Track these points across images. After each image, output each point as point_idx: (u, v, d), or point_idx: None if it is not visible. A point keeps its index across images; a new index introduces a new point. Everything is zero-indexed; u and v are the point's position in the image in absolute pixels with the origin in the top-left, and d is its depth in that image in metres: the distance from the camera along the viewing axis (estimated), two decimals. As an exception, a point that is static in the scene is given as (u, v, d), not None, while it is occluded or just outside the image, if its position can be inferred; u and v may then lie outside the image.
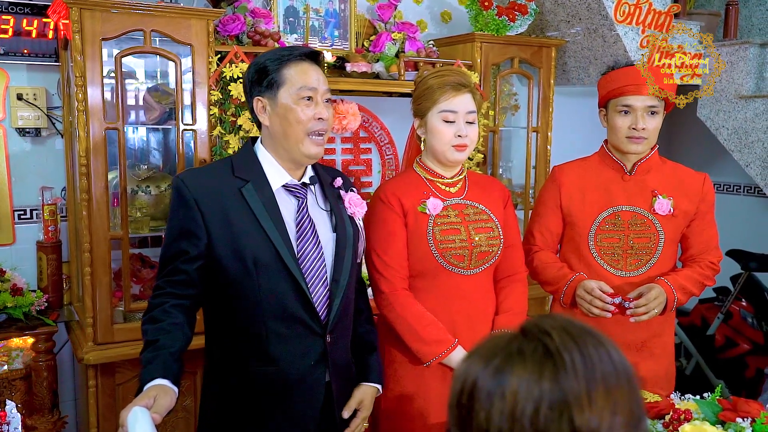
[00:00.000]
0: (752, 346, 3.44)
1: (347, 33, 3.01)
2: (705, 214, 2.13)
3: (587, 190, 2.14)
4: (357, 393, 1.78)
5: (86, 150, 2.30)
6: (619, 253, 2.08)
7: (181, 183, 1.60)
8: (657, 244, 2.07)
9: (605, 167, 2.16)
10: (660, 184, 2.11)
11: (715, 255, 2.14)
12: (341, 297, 1.66)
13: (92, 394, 2.39)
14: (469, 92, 1.89)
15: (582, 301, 2.02)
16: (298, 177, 1.69)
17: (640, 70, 2.07)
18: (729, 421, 1.56)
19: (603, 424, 0.69)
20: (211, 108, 2.45)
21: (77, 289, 2.69)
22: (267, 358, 1.60)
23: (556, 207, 2.17)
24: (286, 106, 1.61)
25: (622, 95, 2.07)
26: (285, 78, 1.61)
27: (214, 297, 1.63)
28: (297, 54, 1.63)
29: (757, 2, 3.86)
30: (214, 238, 1.57)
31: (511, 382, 0.72)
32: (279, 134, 1.64)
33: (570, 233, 2.16)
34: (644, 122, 2.05)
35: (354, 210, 1.77)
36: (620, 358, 0.75)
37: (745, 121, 3.17)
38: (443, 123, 1.88)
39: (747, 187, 3.81)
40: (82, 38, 2.25)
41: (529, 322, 0.78)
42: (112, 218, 2.41)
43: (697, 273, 2.09)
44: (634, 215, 2.08)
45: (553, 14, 3.31)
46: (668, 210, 2.07)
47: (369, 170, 3.26)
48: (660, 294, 1.98)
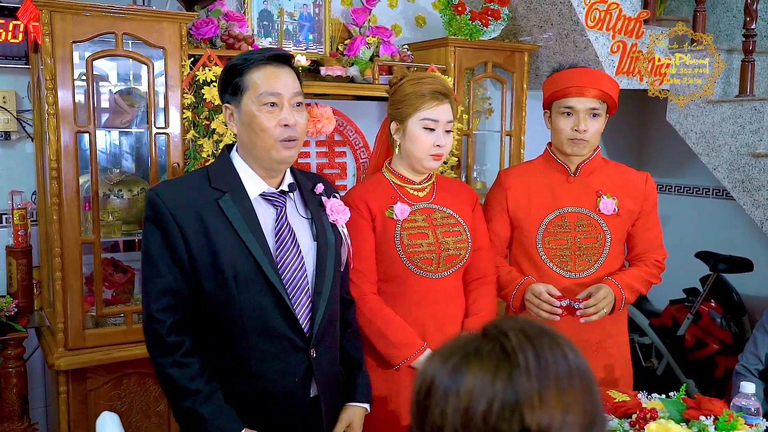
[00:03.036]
0: (721, 346, 3.51)
1: (322, 37, 3.02)
2: (649, 213, 2.16)
3: (533, 193, 2.15)
4: (344, 415, 1.71)
5: (57, 154, 2.28)
6: (568, 254, 2.10)
7: (155, 197, 1.52)
8: (604, 243, 2.10)
9: (550, 169, 2.18)
10: (604, 184, 2.13)
11: (660, 253, 2.18)
12: (325, 308, 1.60)
13: (63, 400, 2.36)
14: (449, 102, 1.91)
15: (530, 305, 2.03)
16: (275, 184, 1.63)
17: (583, 72, 2.08)
18: (693, 419, 1.60)
19: (554, 423, 0.71)
20: (185, 111, 2.44)
21: (48, 295, 2.66)
22: (250, 377, 1.55)
23: (503, 211, 2.17)
24: (250, 113, 1.54)
25: (565, 97, 2.07)
26: (249, 83, 1.54)
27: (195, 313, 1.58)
28: (264, 57, 1.55)
29: (724, 9, 3.94)
30: (194, 253, 1.51)
31: (467, 381, 0.74)
32: (247, 143, 1.58)
33: (518, 236, 2.17)
34: (585, 124, 2.05)
35: (336, 217, 1.71)
36: (576, 359, 0.76)
37: (712, 125, 3.24)
38: (424, 131, 1.88)
39: (715, 190, 3.88)
40: (53, 41, 2.23)
41: (490, 323, 0.80)
42: (84, 222, 2.39)
43: (644, 272, 2.12)
44: (579, 216, 2.10)
45: (525, 19, 3.35)
46: (613, 209, 2.09)
47: (344, 174, 3.26)
48: (608, 294, 2.00)
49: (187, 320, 1.54)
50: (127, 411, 2.47)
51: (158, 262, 1.52)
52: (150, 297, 1.53)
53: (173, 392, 1.53)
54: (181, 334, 1.53)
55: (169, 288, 1.52)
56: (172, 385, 1.52)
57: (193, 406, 1.50)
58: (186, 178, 1.65)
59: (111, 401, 2.44)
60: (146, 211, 1.55)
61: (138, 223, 2.60)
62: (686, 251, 3.59)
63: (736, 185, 3.13)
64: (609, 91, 2.07)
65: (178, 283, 1.52)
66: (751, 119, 3.08)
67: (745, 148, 3.10)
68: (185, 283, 1.53)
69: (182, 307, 1.53)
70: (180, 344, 1.52)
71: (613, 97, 2.08)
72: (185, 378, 1.50)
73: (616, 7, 3.16)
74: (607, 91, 2.06)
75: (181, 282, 1.52)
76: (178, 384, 1.51)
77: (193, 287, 1.54)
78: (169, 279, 1.52)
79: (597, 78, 2.07)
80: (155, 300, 1.52)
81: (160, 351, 1.52)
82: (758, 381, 2.13)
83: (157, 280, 1.52)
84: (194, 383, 1.50)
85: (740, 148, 3.12)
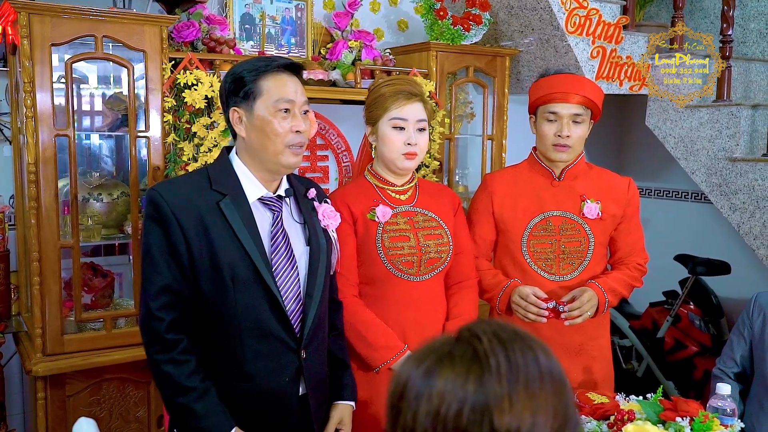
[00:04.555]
0: (700, 347, 3.55)
1: (304, 41, 3.02)
2: (631, 217, 2.19)
3: (518, 197, 2.17)
4: (335, 413, 1.76)
5: (35, 157, 2.26)
6: (552, 258, 2.12)
7: (158, 196, 1.54)
8: (587, 247, 2.12)
9: (535, 174, 2.20)
10: (588, 189, 2.16)
11: (642, 257, 2.21)
12: (315, 311, 1.64)
13: (41, 406, 2.34)
14: (419, 101, 1.93)
15: (517, 307, 2.05)
16: (273, 189, 1.67)
17: (568, 78, 2.10)
18: (669, 420, 1.62)
19: (523, 425, 0.72)
20: (165, 115, 2.43)
21: (26, 299, 2.63)
22: (242, 375, 1.58)
23: (488, 215, 2.19)
24: (263, 118, 1.58)
25: (549, 102, 2.09)
26: (262, 89, 1.58)
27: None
28: (275, 65, 1.60)
29: (701, 15, 4.00)
30: (195, 253, 1.53)
31: (438, 383, 0.74)
32: (256, 146, 1.61)
33: (504, 240, 2.19)
34: (569, 130, 2.07)
35: (327, 222, 1.76)
36: (549, 362, 0.77)
37: (690, 130, 3.28)
38: (393, 130, 1.91)
39: (694, 194, 3.93)
40: (31, 43, 2.21)
41: (464, 327, 0.81)
42: (63, 226, 2.36)
43: (626, 275, 2.15)
44: (564, 220, 2.12)
45: (506, 24, 3.38)
46: (596, 214, 2.12)
47: (326, 177, 3.26)
48: (592, 297, 2.03)
49: (185, 318, 1.57)
50: (107, 417, 2.45)
51: (159, 260, 1.54)
52: (149, 295, 1.55)
53: (168, 388, 1.55)
54: (180, 332, 1.55)
55: (169, 286, 1.54)
56: (168, 382, 1.55)
57: (186, 403, 1.52)
58: (187, 179, 1.68)
59: (90, 407, 2.42)
60: (148, 209, 1.57)
61: (118, 227, 2.58)
62: (665, 254, 3.63)
63: (714, 189, 3.18)
64: (593, 97, 2.09)
65: (178, 281, 1.54)
66: (728, 124, 3.13)
67: (722, 153, 3.15)
68: (185, 282, 1.55)
69: (181, 305, 1.56)
70: (178, 342, 1.54)
71: (597, 104, 2.10)
72: (182, 375, 1.53)
73: (595, 12, 3.20)
74: (591, 98, 2.08)
75: (181, 281, 1.55)
76: (175, 381, 1.53)
77: (191, 286, 1.56)
78: (169, 277, 1.54)
79: (581, 84, 2.09)
80: (154, 298, 1.54)
81: (159, 348, 1.55)
82: (734, 383, 2.16)
83: (157, 278, 1.54)
84: (190, 380, 1.53)
85: (717, 152, 3.17)
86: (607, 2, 3.27)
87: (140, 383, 2.50)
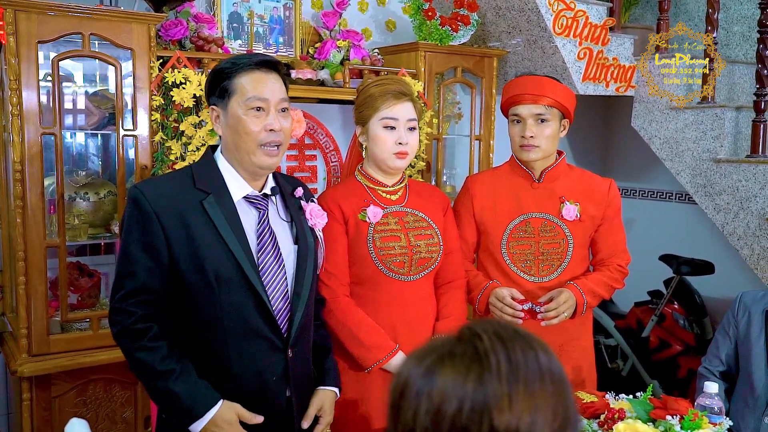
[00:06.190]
0: (684, 347, 3.59)
1: (292, 40, 3.01)
2: (612, 219, 2.20)
3: (498, 199, 2.18)
4: (315, 399, 1.74)
5: (21, 155, 2.23)
6: (531, 259, 2.13)
7: (139, 194, 1.53)
8: (566, 249, 2.13)
9: (515, 176, 2.21)
10: (567, 190, 2.16)
11: (623, 258, 2.22)
12: (302, 310, 1.63)
13: (26, 407, 2.31)
14: (409, 100, 1.93)
15: (494, 308, 2.06)
16: (258, 187, 1.66)
17: (528, 80, 2.11)
18: (659, 418, 1.63)
19: (522, 424, 0.72)
20: (153, 113, 2.41)
21: (11, 299, 2.59)
22: (230, 376, 1.57)
23: (469, 216, 2.20)
24: (236, 117, 1.57)
25: (514, 104, 2.12)
26: (236, 87, 1.57)
27: (174, 313, 1.59)
28: (252, 62, 1.58)
29: (686, 18, 4.04)
30: (176, 253, 1.52)
31: (439, 382, 0.75)
32: (231, 145, 1.60)
33: (484, 242, 2.20)
34: (531, 130, 2.08)
35: (315, 221, 1.76)
36: (549, 362, 0.78)
37: (675, 131, 3.31)
38: (384, 130, 1.91)
39: (678, 195, 3.97)
40: (17, 41, 2.18)
41: (465, 326, 0.81)
42: (49, 226, 2.34)
43: (606, 276, 2.16)
44: (543, 222, 2.13)
45: (494, 25, 3.39)
46: (575, 216, 2.13)
47: (314, 177, 3.25)
48: (569, 298, 2.03)
49: (155, 313, 1.55)
50: (93, 418, 2.43)
51: (135, 259, 1.53)
52: (120, 291, 1.54)
53: (146, 375, 1.54)
54: (148, 322, 1.54)
55: (143, 285, 1.53)
56: (143, 369, 1.54)
57: (166, 386, 1.51)
58: (170, 177, 1.67)
59: (76, 408, 2.39)
60: (128, 207, 1.55)
61: (104, 226, 2.56)
62: (650, 254, 3.67)
63: (698, 190, 3.21)
64: (556, 97, 2.09)
65: (153, 280, 1.53)
66: (712, 126, 3.16)
67: (706, 154, 3.18)
68: (160, 281, 1.54)
69: (152, 303, 1.55)
70: (147, 329, 1.53)
71: (563, 104, 2.10)
72: (155, 360, 1.52)
73: (582, 14, 3.22)
74: (555, 98, 2.08)
75: (156, 280, 1.53)
76: (150, 366, 1.52)
77: (167, 285, 1.55)
78: (144, 277, 1.53)
79: (541, 85, 2.09)
80: (125, 297, 1.53)
81: (128, 338, 1.54)
82: (720, 382, 2.18)
83: (128, 280, 1.53)
84: (164, 364, 1.52)
85: (702, 153, 3.20)
86: (594, 4, 3.29)
87: (127, 384, 2.48)
